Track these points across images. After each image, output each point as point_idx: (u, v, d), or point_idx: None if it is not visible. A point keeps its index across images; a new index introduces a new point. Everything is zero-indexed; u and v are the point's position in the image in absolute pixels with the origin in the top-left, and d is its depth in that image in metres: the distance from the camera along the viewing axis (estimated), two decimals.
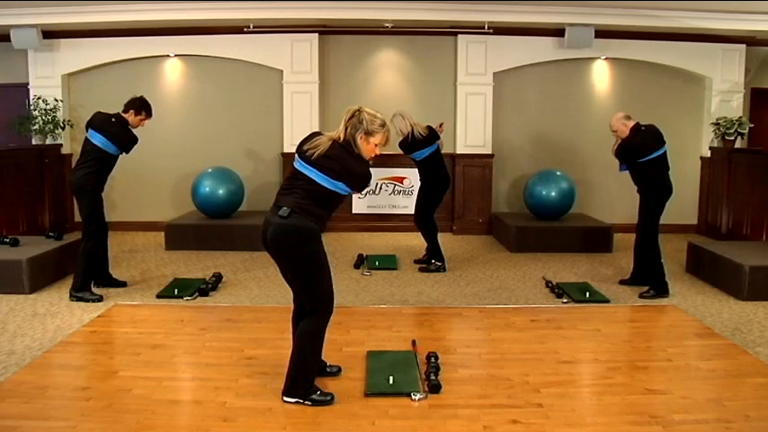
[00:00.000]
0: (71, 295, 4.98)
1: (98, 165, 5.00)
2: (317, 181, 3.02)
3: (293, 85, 7.89)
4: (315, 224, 3.05)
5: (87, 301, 4.93)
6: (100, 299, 4.96)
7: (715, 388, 3.39)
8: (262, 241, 3.13)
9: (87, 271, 5.02)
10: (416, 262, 6.25)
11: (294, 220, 3.01)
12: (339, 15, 7.30)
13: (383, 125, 3.11)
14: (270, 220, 3.07)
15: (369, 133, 3.06)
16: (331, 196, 3.07)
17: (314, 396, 3.11)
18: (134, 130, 5.16)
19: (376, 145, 3.09)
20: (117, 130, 5.03)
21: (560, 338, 4.14)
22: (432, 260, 6.08)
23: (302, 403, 3.09)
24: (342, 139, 3.07)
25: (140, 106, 5.10)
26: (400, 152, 6.02)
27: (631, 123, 5.22)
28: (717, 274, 5.53)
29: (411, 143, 5.85)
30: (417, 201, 6.17)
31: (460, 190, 7.98)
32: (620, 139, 5.27)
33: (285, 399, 3.13)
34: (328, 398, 3.13)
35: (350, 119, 3.08)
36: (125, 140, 5.07)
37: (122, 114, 5.10)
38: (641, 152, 5.15)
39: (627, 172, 5.32)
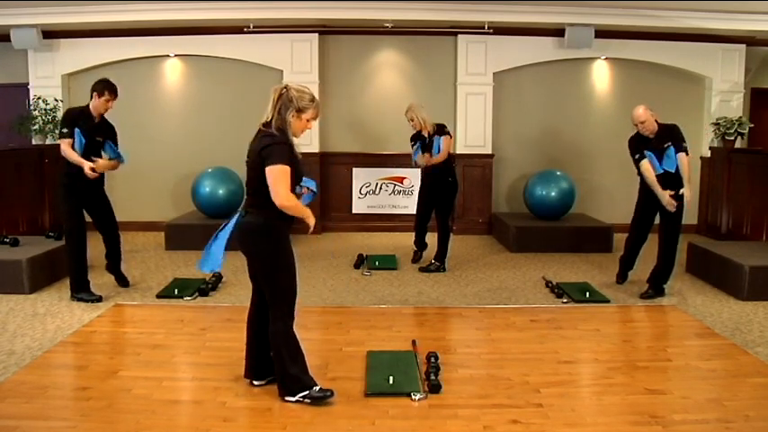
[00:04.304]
0: (71, 296, 4.99)
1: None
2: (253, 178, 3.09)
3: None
4: (271, 220, 3.05)
5: (86, 301, 4.92)
6: (99, 299, 4.96)
7: (715, 388, 3.39)
8: None
9: (76, 272, 4.97)
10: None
11: (249, 218, 3.08)
12: (339, 15, 7.31)
13: (312, 99, 3.09)
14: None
15: (300, 110, 3.05)
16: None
17: (313, 392, 3.10)
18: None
19: (308, 120, 3.08)
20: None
21: (560, 338, 4.15)
22: (432, 260, 6.07)
23: (302, 401, 3.09)
24: (270, 119, 3.05)
25: (102, 88, 4.80)
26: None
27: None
28: (717, 274, 5.52)
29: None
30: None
31: (460, 190, 7.89)
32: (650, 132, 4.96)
33: (286, 399, 3.13)
34: (328, 393, 3.12)
35: (278, 99, 3.05)
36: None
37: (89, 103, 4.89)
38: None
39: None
